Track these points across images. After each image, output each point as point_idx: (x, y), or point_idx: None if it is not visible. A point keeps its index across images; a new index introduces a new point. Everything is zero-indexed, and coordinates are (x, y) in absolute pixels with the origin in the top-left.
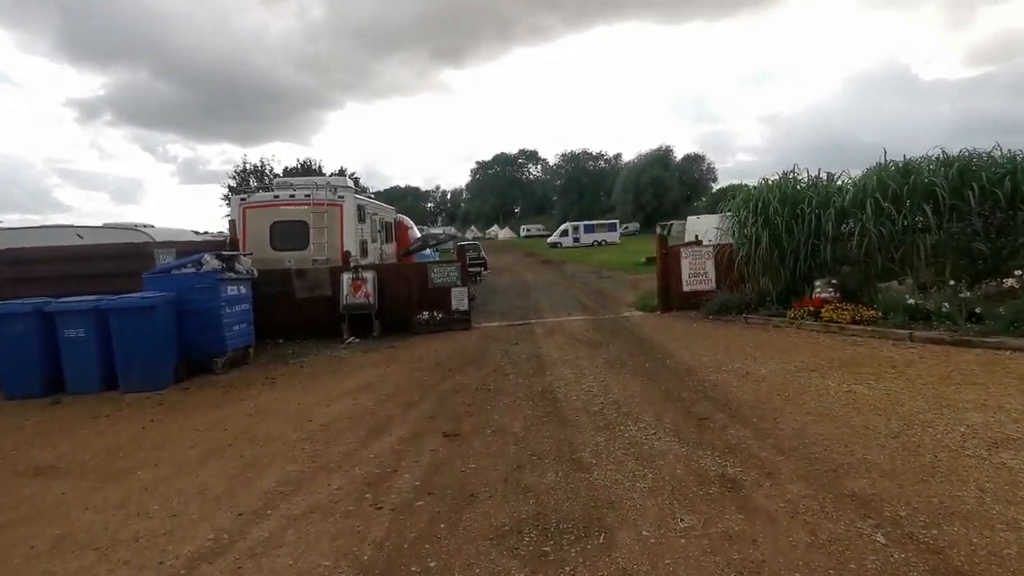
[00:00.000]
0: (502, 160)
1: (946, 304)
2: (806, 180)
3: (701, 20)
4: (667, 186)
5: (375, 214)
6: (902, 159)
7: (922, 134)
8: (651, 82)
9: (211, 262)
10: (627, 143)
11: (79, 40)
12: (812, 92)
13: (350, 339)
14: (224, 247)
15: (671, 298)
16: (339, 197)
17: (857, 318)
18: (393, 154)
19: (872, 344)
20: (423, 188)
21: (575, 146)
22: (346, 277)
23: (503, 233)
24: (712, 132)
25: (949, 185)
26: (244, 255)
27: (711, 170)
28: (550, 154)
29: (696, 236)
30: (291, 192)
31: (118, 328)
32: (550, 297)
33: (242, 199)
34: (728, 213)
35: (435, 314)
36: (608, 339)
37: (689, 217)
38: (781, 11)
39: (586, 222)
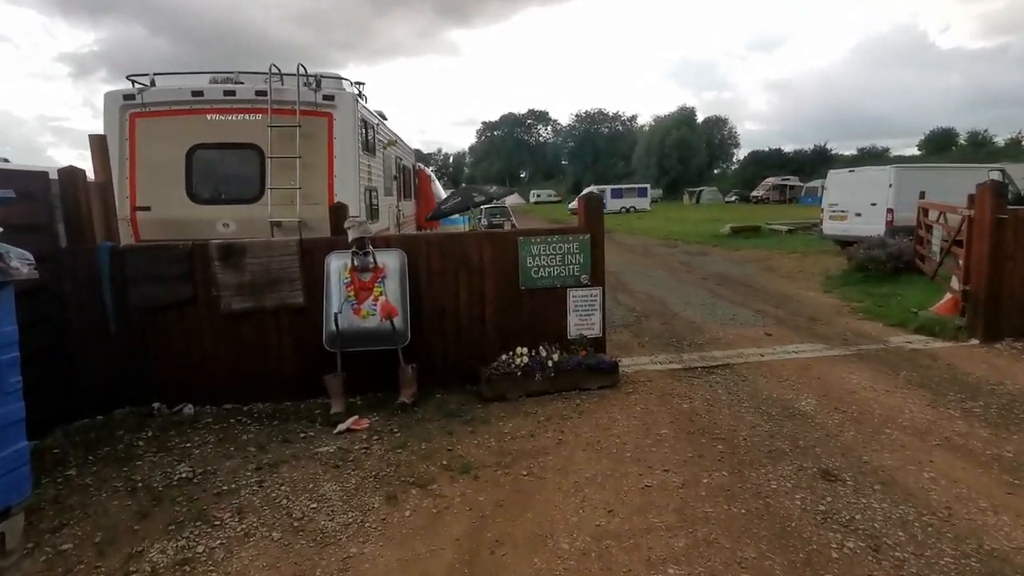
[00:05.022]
0: (510, 121)
1: None
2: None
3: None
4: (694, 149)
5: (392, 143)
6: None
7: (931, 104)
8: (662, 47)
9: None
10: (636, 108)
11: None
12: (821, 60)
13: (347, 422)
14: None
15: (1002, 309)
16: (326, 100)
17: None
18: (394, 116)
19: None
20: (424, 151)
21: (588, 107)
22: (337, 265)
23: (511, 199)
24: (719, 100)
25: None
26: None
27: (732, 135)
28: (560, 116)
29: (834, 204)
30: (230, 87)
31: None
32: (666, 290)
33: (127, 97)
34: None
35: (539, 354)
36: None
37: (831, 172)
38: None
39: (613, 186)
